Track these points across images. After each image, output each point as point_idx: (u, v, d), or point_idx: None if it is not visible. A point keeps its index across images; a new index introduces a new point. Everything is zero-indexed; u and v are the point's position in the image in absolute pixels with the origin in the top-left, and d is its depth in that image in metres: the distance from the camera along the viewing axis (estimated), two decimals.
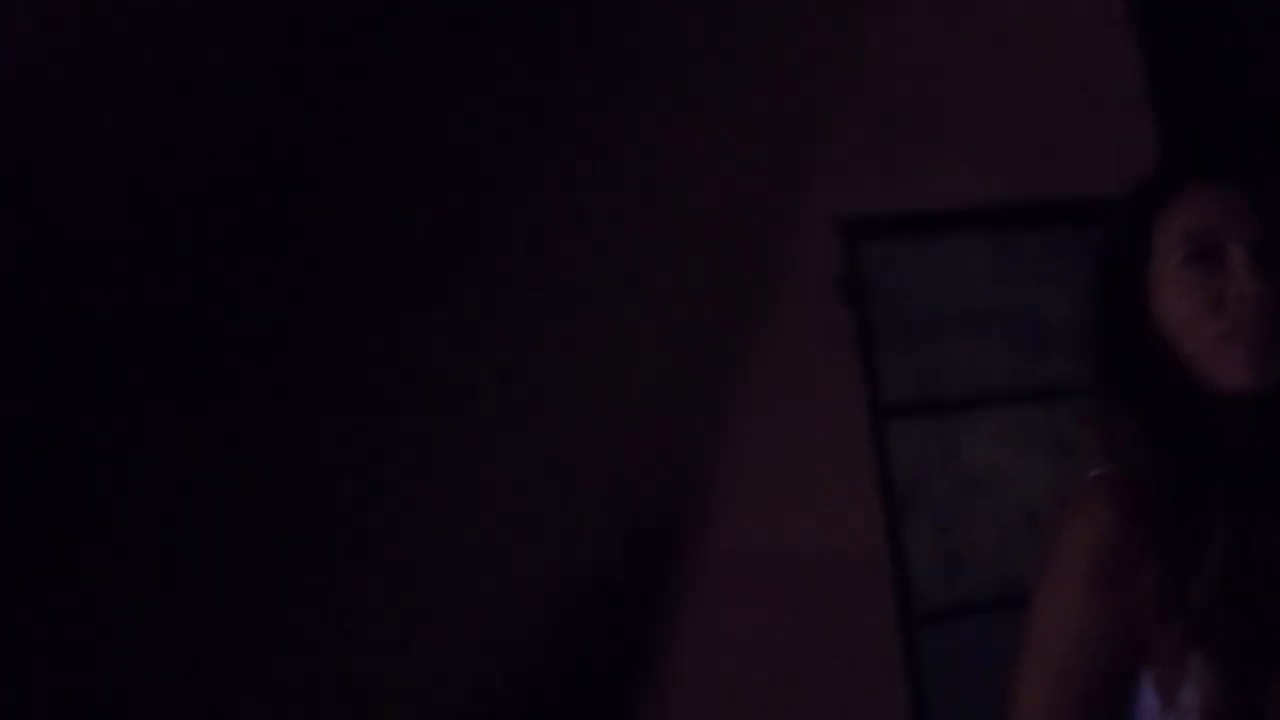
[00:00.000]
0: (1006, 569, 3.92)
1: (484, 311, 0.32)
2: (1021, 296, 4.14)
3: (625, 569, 1.33)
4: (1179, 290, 1.83)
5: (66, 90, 0.24)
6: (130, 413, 0.26)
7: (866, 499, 3.91)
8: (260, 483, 0.27)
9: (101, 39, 0.24)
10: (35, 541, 0.26)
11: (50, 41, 0.24)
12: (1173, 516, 1.68)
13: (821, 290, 3.95)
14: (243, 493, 0.27)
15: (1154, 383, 1.79)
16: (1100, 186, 3.99)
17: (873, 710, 3.84)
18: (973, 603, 3.97)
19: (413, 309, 0.27)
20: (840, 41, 1.32)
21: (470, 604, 0.35)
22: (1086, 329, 1.92)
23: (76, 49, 0.24)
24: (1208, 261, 1.81)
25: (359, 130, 0.25)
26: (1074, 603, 1.73)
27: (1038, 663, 1.74)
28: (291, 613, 0.29)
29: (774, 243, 1.23)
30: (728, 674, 3.74)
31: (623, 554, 1.25)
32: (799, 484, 3.83)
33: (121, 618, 0.27)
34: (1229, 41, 4.39)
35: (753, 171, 1.33)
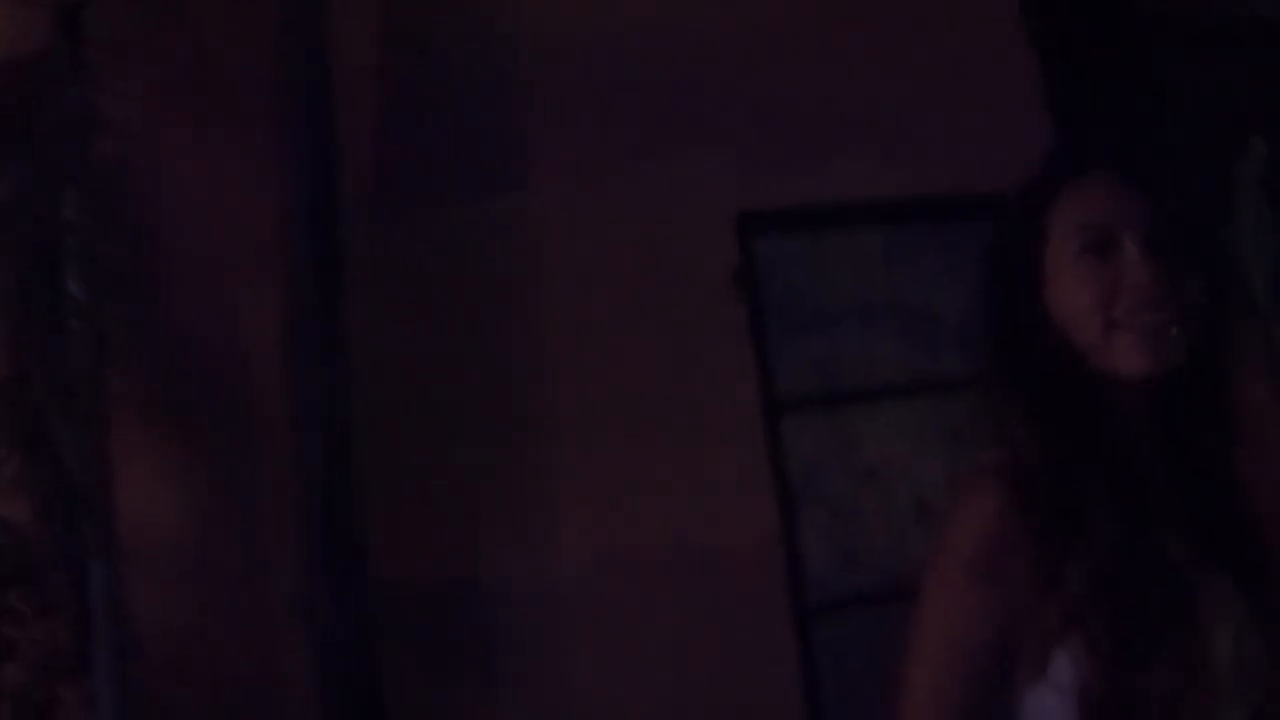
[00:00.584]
0: (900, 560, 3.98)
1: None
2: (915, 290, 4.18)
3: (519, 562, 1.43)
4: (1074, 280, 1.85)
5: None
6: None
7: (760, 491, 3.96)
8: None
9: None
10: None
11: None
12: (1055, 503, 1.71)
13: (716, 284, 4.01)
14: None
15: (1045, 370, 1.82)
16: (993, 182, 4.05)
17: (767, 700, 3.89)
18: (866, 594, 4.01)
19: None
20: (733, 41, 1.40)
21: None
22: (979, 318, 1.93)
23: None
24: (1102, 252, 1.83)
25: None
26: (958, 589, 1.76)
27: (926, 648, 1.77)
28: None
29: (670, 238, 1.34)
30: (624, 665, 3.79)
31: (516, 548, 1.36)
32: (693, 476, 3.88)
33: None
34: (1122, 37, 4.47)
35: (653, 168, 1.44)
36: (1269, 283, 4.07)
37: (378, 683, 3.55)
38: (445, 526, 3.75)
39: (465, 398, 3.81)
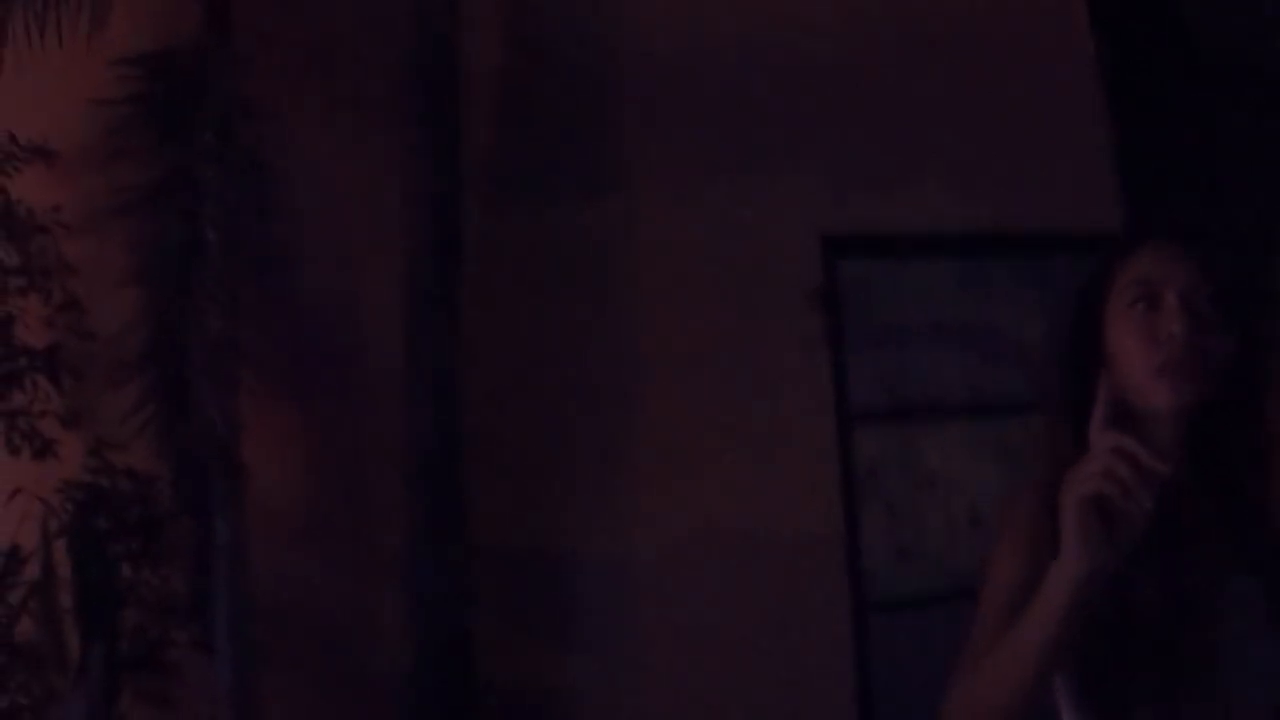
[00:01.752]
0: (954, 563, 4.31)
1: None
2: (982, 317, 4.50)
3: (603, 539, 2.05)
4: (1125, 326, 2.06)
5: None
6: None
7: (827, 492, 4.29)
8: None
9: None
10: None
11: None
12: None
13: (800, 299, 4.33)
14: None
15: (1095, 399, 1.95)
16: (1060, 223, 4.42)
17: (822, 685, 4.21)
18: (922, 594, 4.32)
19: None
20: (833, 70, 2.01)
21: None
22: (1049, 352, 2.19)
23: None
24: (1150, 305, 2.03)
25: None
26: (1004, 565, 2.01)
27: (984, 608, 2.00)
28: None
29: (761, 251, 1.92)
30: (692, 641, 4.12)
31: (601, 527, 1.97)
32: (767, 473, 4.20)
33: None
34: (1190, 101, 4.75)
35: (749, 185, 2.09)
36: None
37: (467, 639, 3.84)
38: (539, 501, 4.08)
39: (564, 384, 4.15)
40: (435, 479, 3.88)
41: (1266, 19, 4.89)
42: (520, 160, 4.24)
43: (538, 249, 4.18)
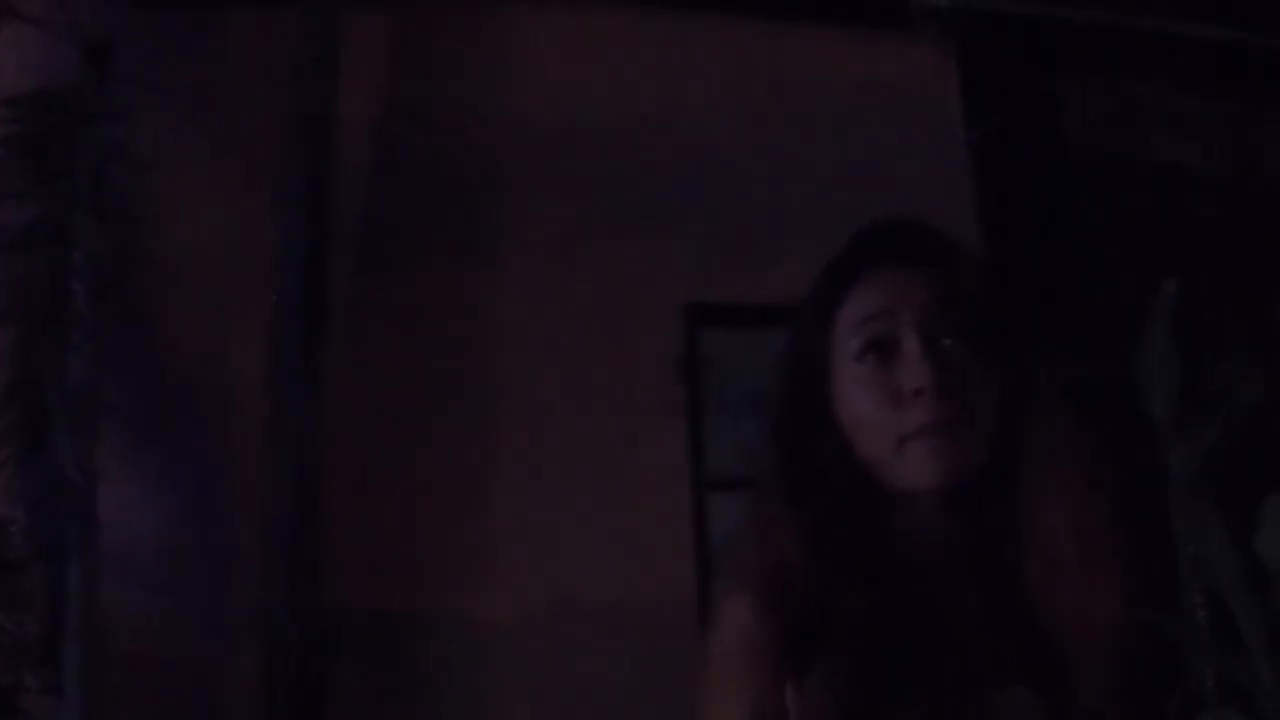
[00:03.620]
0: None
1: None
2: None
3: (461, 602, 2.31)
4: (854, 386, 1.69)
5: None
6: None
7: (683, 557, 4.43)
8: None
9: None
10: None
11: None
12: (806, 613, 1.62)
13: (661, 367, 4.49)
14: None
15: (824, 481, 1.69)
16: None
17: None
18: None
19: None
20: (700, 143, 2.29)
21: None
22: (767, 423, 1.81)
23: None
24: (883, 354, 1.68)
25: None
26: (713, 697, 1.72)
27: None
28: None
29: (622, 320, 2.10)
30: (552, 701, 4.24)
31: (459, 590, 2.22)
32: (625, 539, 4.34)
33: None
34: (1055, 171, 4.97)
35: (612, 255, 2.34)
36: (1169, 411, 4.45)
37: (322, 696, 3.96)
38: (396, 562, 4.20)
39: (424, 445, 4.28)
40: (292, 532, 3.99)
41: (1142, 107, 5.14)
42: (392, 222, 4.39)
43: (404, 311, 4.33)
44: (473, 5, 4.53)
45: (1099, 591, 1.71)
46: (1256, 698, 4.29)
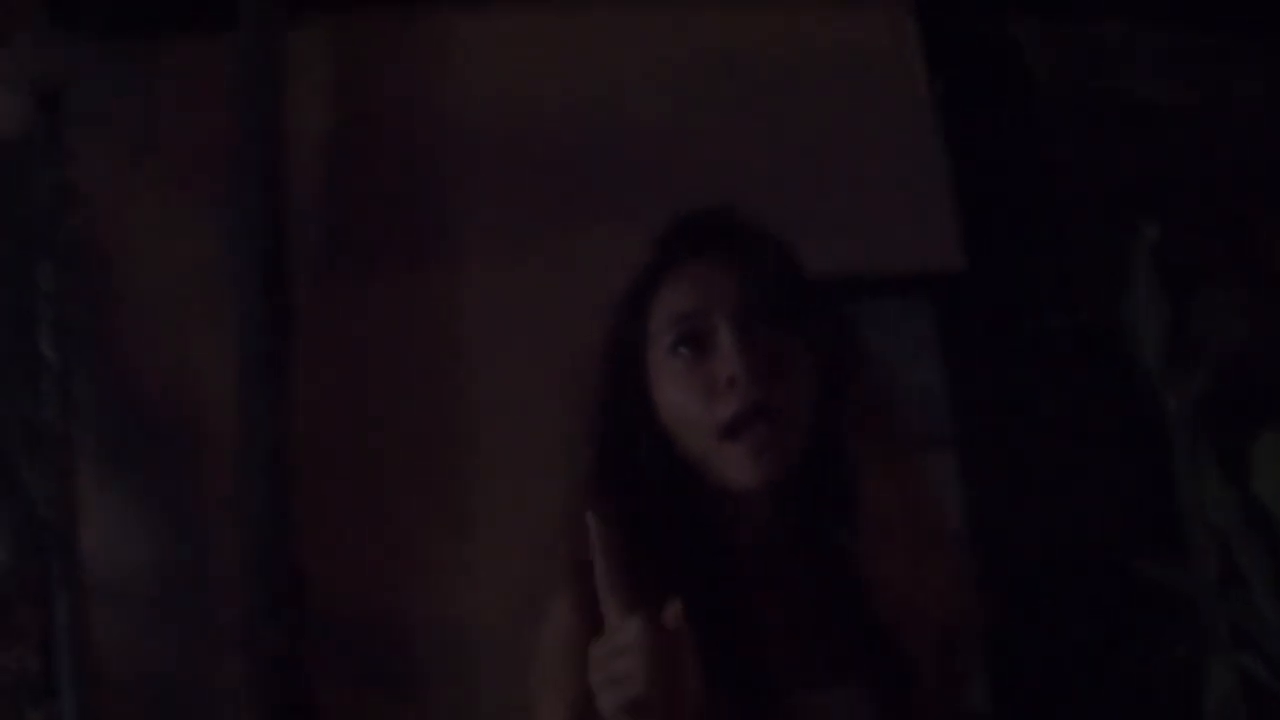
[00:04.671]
0: None
1: None
2: None
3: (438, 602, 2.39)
4: (671, 379, 1.71)
5: None
6: None
7: None
8: None
9: None
10: None
11: None
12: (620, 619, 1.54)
13: None
14: None
15: (646, 480, 1.70)
16: (899, 266, 4.56)
17: None
18: None
19: None
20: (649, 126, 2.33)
21: None
22: (585, 420, 1.81)
23: None
24: (698, 346, 1.69)
25: None
26: (539, 701, 1.75)
27: None
28: None
29: (580, 310, 1.96)
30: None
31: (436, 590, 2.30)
32: None
33: None
34: (1025, 120, 4.96)
35: (566, 246, 2.36)
36: (1158, 354, 4.42)
37: (312, 706, 4.07)
38: (375, 566, 4.30)
39: (396, 447, 4.38)
40: (272, 547, 4.10)
41: (1107, 46, 5.12)
42: (348, 229, 4.49)
43: (366, 315, 4.43)
44: (409, 9, 4.58)
45: (933, 569, 1.72)
46: (1263, 637, 4.30)
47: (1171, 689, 4.20)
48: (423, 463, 4.39)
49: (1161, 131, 4.99)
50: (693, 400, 1.69)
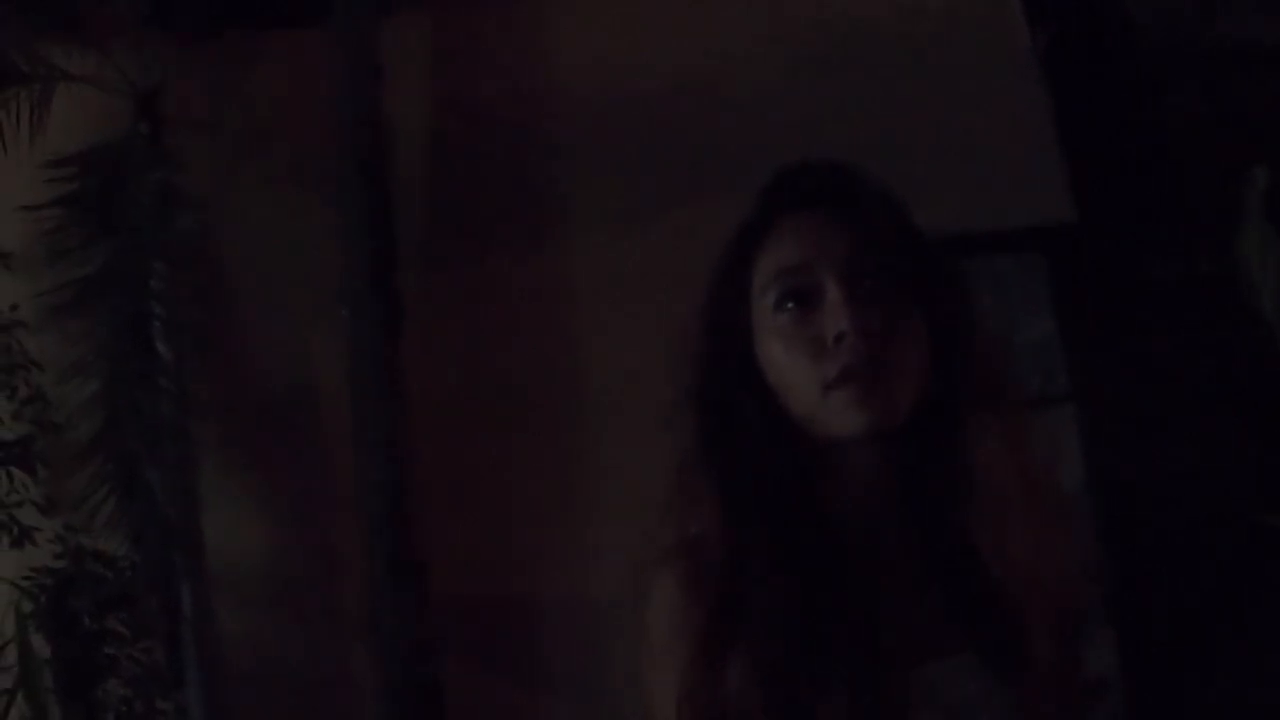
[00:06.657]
0: None
1: None
2: None
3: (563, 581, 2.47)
4: (776, 336, 1.66)
5: None
6: None
7: None
8: None
9: None
10: None
11: None
12: (727, 587, 1.60)
13: None
14: None
15: (750, 443, 1.67)
16: (1011, 221, 4.57)
17: None
18: None
19: None
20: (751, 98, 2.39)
21: None
22: (686, 384, 1.76)
23: None
24: (804, 302, 1.65)
25: None
26: (650, 674, 1.70)
27: None
28: None
29: (693, 285, 1.94)
30: None
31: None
32: None
33: None
34: (1133, 69, 4.95)
35: (675, 220, 2.41)
36: (1275, 301, 4.41)
37: (439, 689, 4.17)
38: (496, 546, 4.39)
39: (514, 430, 4.46)
40: (393, 534, 4.20)
41: None
42: (455, 218, 4.58)
43: (476, 300, 4.52)
44: None
45: (1052, 545, 1.67)
46: None
47: None
48: (542, 445, 4.46)
49: (1267, 74, 4.96)
50: (799, 358, 1.63)
